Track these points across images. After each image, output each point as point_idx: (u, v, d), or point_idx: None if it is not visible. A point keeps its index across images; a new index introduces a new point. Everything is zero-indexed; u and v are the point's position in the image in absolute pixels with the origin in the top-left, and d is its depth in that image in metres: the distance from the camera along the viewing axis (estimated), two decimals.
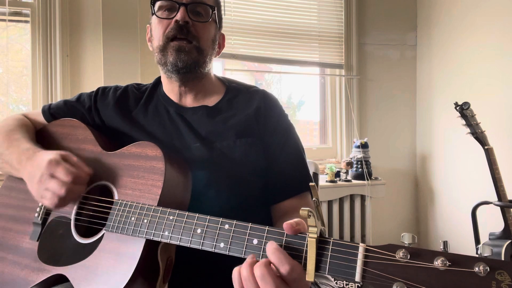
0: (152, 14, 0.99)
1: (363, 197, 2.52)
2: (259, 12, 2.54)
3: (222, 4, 1.05)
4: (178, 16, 0.93)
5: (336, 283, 1.90)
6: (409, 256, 0.53)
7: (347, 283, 1.88)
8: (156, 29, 0.97)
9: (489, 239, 1.80)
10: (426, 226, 2.82)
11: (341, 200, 2.47)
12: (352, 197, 2.51)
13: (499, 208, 1.78)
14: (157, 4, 0.97)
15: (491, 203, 1.79)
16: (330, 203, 2.44)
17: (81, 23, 2.15)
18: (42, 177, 0.81)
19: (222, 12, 1.08)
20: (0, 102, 2.16)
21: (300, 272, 0.59)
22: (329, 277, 1.03)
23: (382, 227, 2.68)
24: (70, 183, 0.80)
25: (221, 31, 1.08)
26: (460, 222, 2.48)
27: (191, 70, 0.96)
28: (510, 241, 1.72)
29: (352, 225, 2.52)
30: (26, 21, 2.11)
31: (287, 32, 2.59)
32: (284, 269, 0.58)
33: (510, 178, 1.97)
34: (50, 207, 0.84)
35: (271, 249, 0.60)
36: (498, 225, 1.79)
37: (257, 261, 0.61)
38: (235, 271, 0.62)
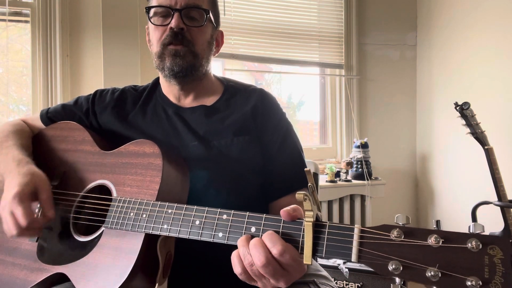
0: (148, 19, 0.99)
1: (363, 197, 2.51)
2: (259, 12, 2.54)
3: (222, 4, 1.05)
4: (173, 23, 0.93)
5: (336, 283, 1.89)
6: (403, 235, 0.54)
7: (347, 283, 1.88)
8: (153, 36, 0.98)
9: None
10: (426, 226, 2.82)
11: (341, 200, 2.47)
12: (352, 197, 2.51)
13: (499, 208, 1.78)
14: (152, 11, 0.97)
15: (491, 203, 1.79)
16: (330, 203, 2.44)
17: (81, 23, 2.16)
18: (5, 208, 0.81)
19: (222, 12, 1.08)
20: (0, 102, 2.16)
21: (293, 254, 0.60)
22: (329, 276, 1.03)
23: None
24: (23, 228, 0.79)
25: (219, 28, 1.08)
26: (460, 222, 2.48)
27: (187, 74, 0.97)
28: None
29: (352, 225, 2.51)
30: (26, 21, 2.12)
31: (287, 32, 2.59)
32: (276, 249, 0.59)
33: (510, 178, 1.97)
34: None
35: (266, 233, 0.62)
36: (498, 225, 1.79)
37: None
38: (234, 253, 0.63)
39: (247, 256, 0.61)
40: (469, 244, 0.50)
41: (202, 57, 0.99)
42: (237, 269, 0.63)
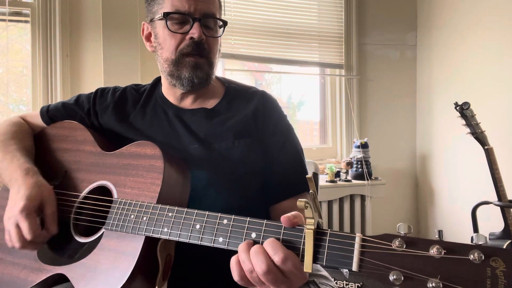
0: (160, 19, 0.96)
1: (363, 197, 2.51)
2: (259, 12, 2.54)
3: (222, 4, 1.05)
4: (196, 34, 0.92)
5: (336, 283, 1.90)
6: (405, 245, 0.54)
7: (347, 283, 1.88)
8: (167, 41, 0.95)
9: (489, 239, 1.80)
10: (426, 226, 2.82)
11: (341, 200, 2.47)
12: (352, 197, 2.51)
13: (499, 208, 1.78)
14: (169, 16, 0.94)
15: (491, 203, 1.79)
16: (330, 203, 2.44)
17: (81, 23, 2.16)
18: (10, 219, 0.82)
19: (223, 12, 1.08)
20: (0, 102, 2.16)
21: (295, 262, 0.60)
22: (329, 276, 1.03)
23: (382, 227, 2.68)
24: (27, 241, 0.81)
25: None
26: (460, 222, 2.48)
27: (203, 84, 0.97)
28: (510, 241, 1.71)
29: (352, 225, 2.52)
30: (26, 21, 2.11)
31: (287, 32, 2.59)
32: (278, 257, 0.59)
33: (510, 178, 1.97)
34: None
35: (267, 240, 0.62)
36: (498, 225, 1.79)
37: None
38: (233, 259, 0.63)
39: (247, 262, 0.61)
40: (471, 256, 0.50)
41: (215, 65, 0.99)
42: (235, 275, 0.63)
